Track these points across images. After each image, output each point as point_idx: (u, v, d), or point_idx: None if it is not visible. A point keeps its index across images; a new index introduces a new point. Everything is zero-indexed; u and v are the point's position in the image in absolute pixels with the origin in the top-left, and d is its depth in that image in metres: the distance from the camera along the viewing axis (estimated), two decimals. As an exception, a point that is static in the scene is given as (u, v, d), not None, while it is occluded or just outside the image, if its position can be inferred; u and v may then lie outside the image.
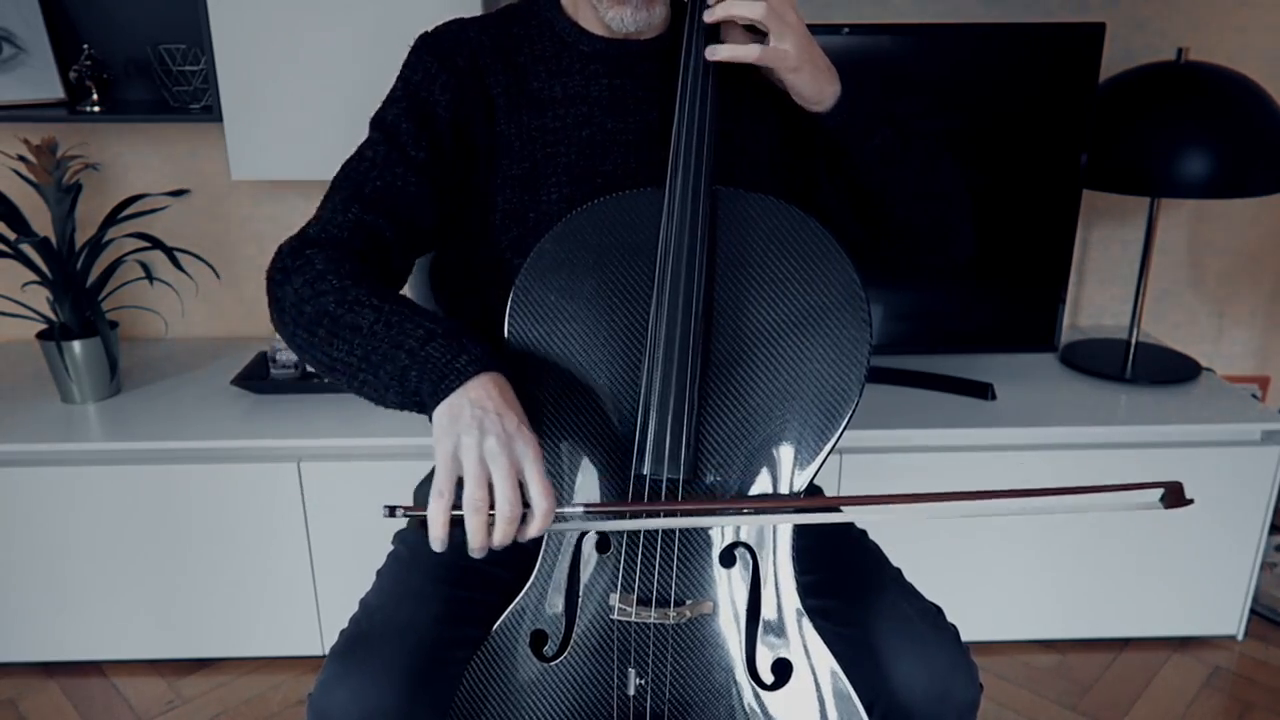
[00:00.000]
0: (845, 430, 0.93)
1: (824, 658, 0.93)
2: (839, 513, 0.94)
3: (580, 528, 0.93)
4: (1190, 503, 0.87)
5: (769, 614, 0.94)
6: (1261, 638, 1.88)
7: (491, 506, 0.80)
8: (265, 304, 0.97)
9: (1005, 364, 1.94)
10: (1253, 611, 1.90)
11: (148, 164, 1.98)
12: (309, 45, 1.63)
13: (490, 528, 0.80)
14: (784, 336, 0.94)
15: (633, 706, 0.94)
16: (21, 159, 1.68)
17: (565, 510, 0.88)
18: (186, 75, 1.81)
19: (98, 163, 1.96)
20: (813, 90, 1.01)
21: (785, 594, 0.94)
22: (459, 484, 0.81)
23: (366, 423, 1.69)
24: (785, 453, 0.94)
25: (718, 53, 0.99)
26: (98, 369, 1.75)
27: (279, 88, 1.66)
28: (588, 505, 0.93)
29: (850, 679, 0.93)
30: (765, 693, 0.93)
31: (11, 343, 2.05)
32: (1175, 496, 0.86)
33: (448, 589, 0.99)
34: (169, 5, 1.83)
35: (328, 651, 0.93)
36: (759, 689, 0.93)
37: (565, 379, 0.95)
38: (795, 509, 0.94)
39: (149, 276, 1.79)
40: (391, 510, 0.83)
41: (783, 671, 0.93)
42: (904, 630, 0.96)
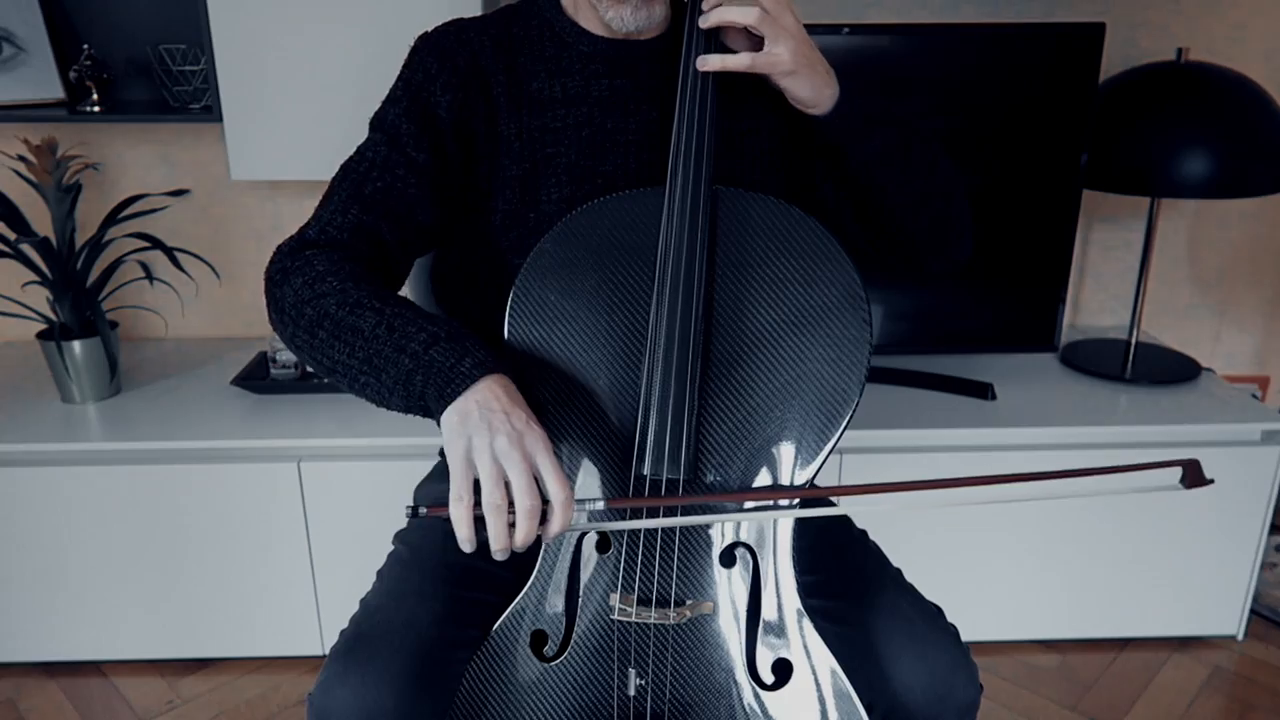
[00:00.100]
0: (845, 430, 0.93)
1: (824, 658, 0.93)
2: (835, 505, 0.94)
3: (595, 527, 0.93)
4: (1210, 482, 0.85)
5: (769, 614, 0.94)
6: (1261, 638, 1.88)
7: (511, 507, 0.80)
8: (265, 304, 0.97)
9: (1005, 364, 1.94)
10: (1253, 611, 1.90)
11: (148, 164, 1.98)
12: (309, 45, 1.63)
13: (511, 529, 0.80)
14: (784, 336, 0.94)
15: (633, 707, 0.94)
16: (21, 159, 1.68)
17: (585, 504, 0.89)
18: (186, 75, 1.81)
19: (98, 163, 1.96)
20: (810, 94, 1.00)
21: (785, 594, 0.94)
22: (476, 486, 0.81)
23: (366, 423, 1.69)
24: (786, 452, 0.94)
25: (708, 63, 0.99)
26: (98, 369, 1.75)
27: (279, 88, 1.66)
28: (608, 499, 0.93)
29: (850, 679, 0.93)
30: (765, 693, 0.93)
31: (11, 343, 2.05)
32: (1195, 475, 0.85)
33: (448, 589, 0.99)
34: (169, 5, 1.83)
35: (328, 651, 0.93)
36: (759, 689, 0.93)
37: (565, 379, 0.95)
38: (799, 500, 0.95)
39: (149, 276, 1.79)
40: (414, 511, 0.84)
41: (783, 672, 0.93)
42: (904, 630, 0.96)
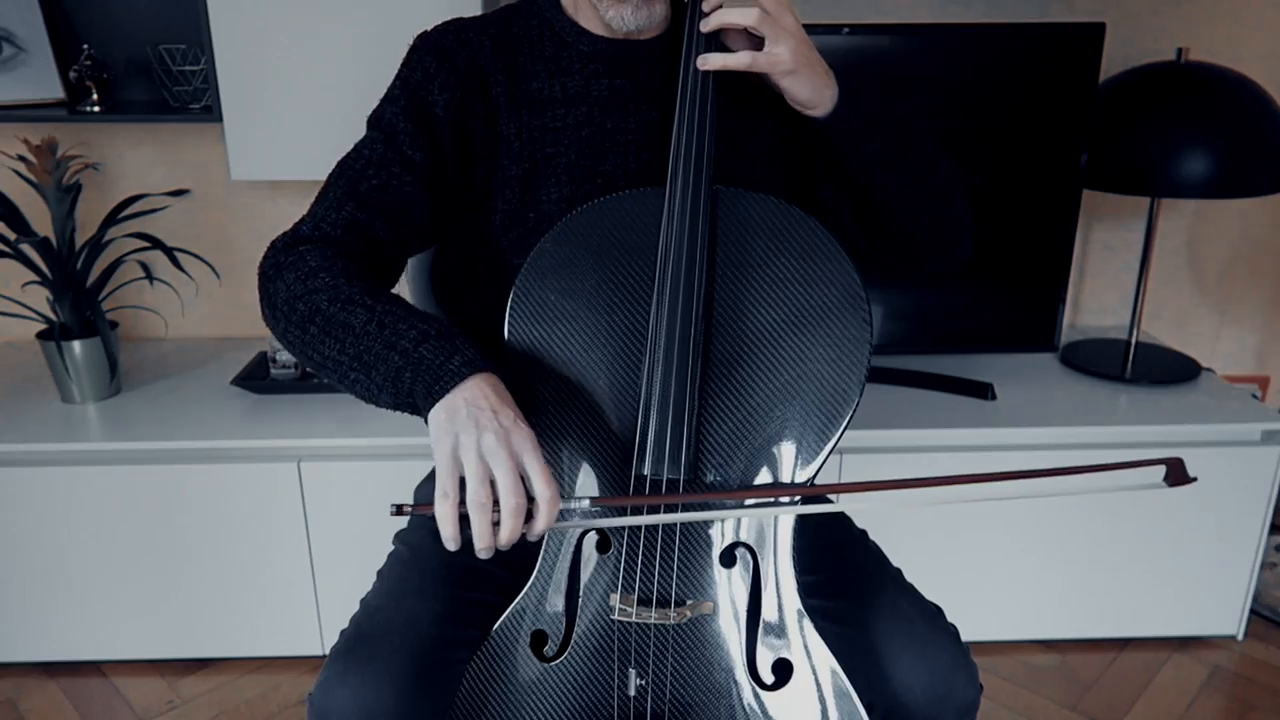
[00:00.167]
0: (846, 430, 0.93)
1: (824, 658, 0.93)
2: (831, 502, 0.94)
3: (582, 525, 0.93)
4: (1194, 480, 0.85)
5: (769, 614, 0.94)
6: (1261, 638, 1.88)
7: (496, 505, 0.80)
8: (257, 298, 0.97)
9: (1005, 364, 1.94)
10: (1253, 611, 1.90)
11: (148, 164, 1.98)
12: (309, 45, 1.63)
13: (496, 527, 0.80)
14: (784, 336, 0.94)
15: (633, 707, 0.94)
16: (21, 159, 1.68)
17: (570, 503, 0.88)
18: (186, 75, 1.81)
19: (98, 163, 1.96)
20: (810, 94, 1.00)
21: (786, 594, 0.94)
22: (462, 484, 0.81)
23: (366, 423, 1.69)
24: (786, 452, 0.94)
25: (708, 62, 0.99)
26: (98, 369, 1.75)
27: (279, 88, 1.66)
28: (592, 497, 0.93)
29: (850, 679, 0.93)
30: (765, 693, 0.93)
31: (11, 343, 2.05)
32: (1178, 474, 0.85)
33: (448, 589, 0.99)
34: (169, 5, 1.83)
35: (328, 651, 0.93)
36: (759, 689, 0.93)
37: (566, 379, 0.95)
38: (792, 497, 0.94)
39: (149, 276, 1.79)
40: (399, 509, 0.83)
41: (783, 672, 0.93)
42: (904, 630, 0.96)
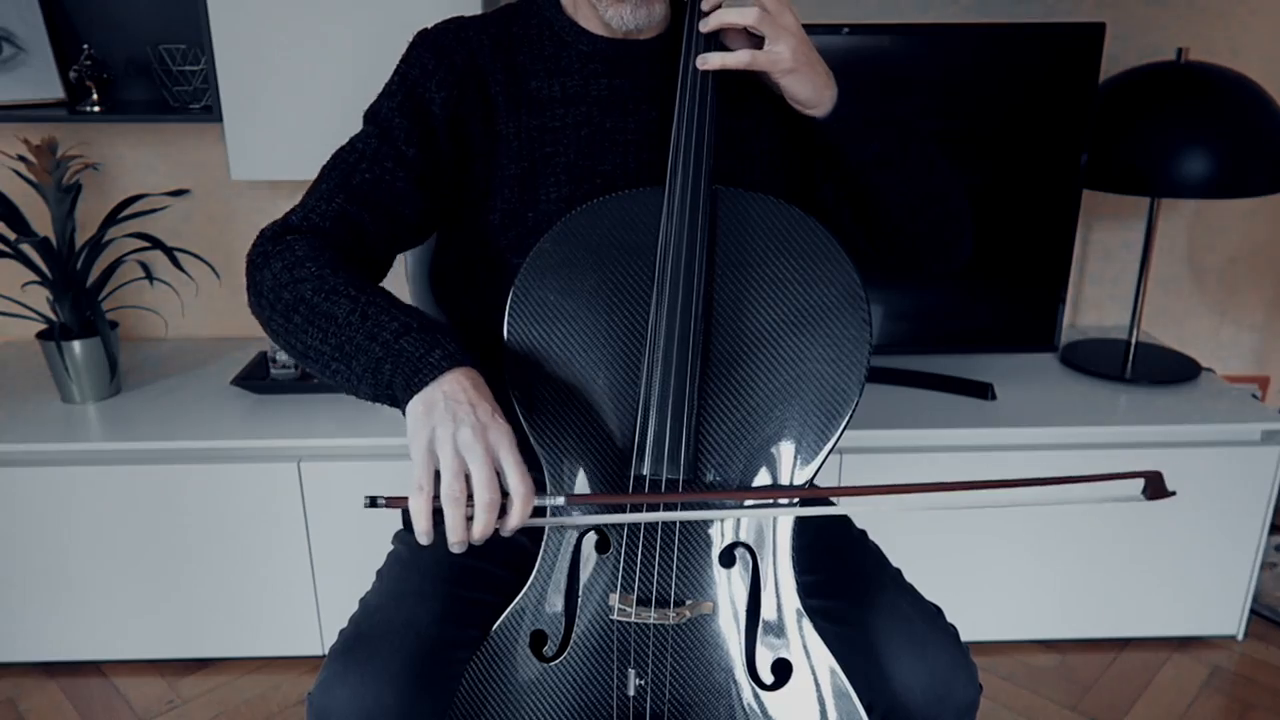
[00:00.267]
0: (845, 430, 0.93)
1: (824, 658, 0.93)
2: (832, 504, 0.94)
3: (568, 523, 0.93)
4: (1172, 494, 0.86)
5: (769, 614, 0.93)
6: (1261, 638, 1.88)
7: (470, 500, 0.79)
8: (245, 286, 0.97)
9: (1005, 364, 1.94)
10: (1253, 611, 1.90)
11: (148, 164, 1.98)
12: (309, 45, 1.63)
13: (469, 521, 0.79)
14: (784, 336, 0.94)
15: (632, 707, 0.94)
16: (21, 159, 1.68)
17: (545, 499, 0.86)
18: (186, 75, 1.81)
19: (98, 163, 1.96)
20: (810, 93, 1.00)
21: (785, 594, 0.93)
22: (438, 478, 0.80)
23: (366, 423, 1.69)
24: (785, 452, 0.94)
25: (708, 62, 0.99)
26: (98, 369, 1.75)
27: (279, 88, 1.66)
28: (569, 495, 0.92)
29: (850, 679, 0.93)
30: (765, 693, 0.93)
31: (11, 343, 2.05)
32: (1156, 487, 0.86)
33: (448, 589, 0.99)
34: (169, 5, 1.83)
35: (327, 651, 0.93)
36: (759, 689, 0.93)
37: (565, 379, 0.95)
38: (792, 499, 0.94)
39: (149, 276, 1.79)
40: (373, 500, 0.83)
41: (782, 672, 0.93)
42: (904, 630, 0.96)
